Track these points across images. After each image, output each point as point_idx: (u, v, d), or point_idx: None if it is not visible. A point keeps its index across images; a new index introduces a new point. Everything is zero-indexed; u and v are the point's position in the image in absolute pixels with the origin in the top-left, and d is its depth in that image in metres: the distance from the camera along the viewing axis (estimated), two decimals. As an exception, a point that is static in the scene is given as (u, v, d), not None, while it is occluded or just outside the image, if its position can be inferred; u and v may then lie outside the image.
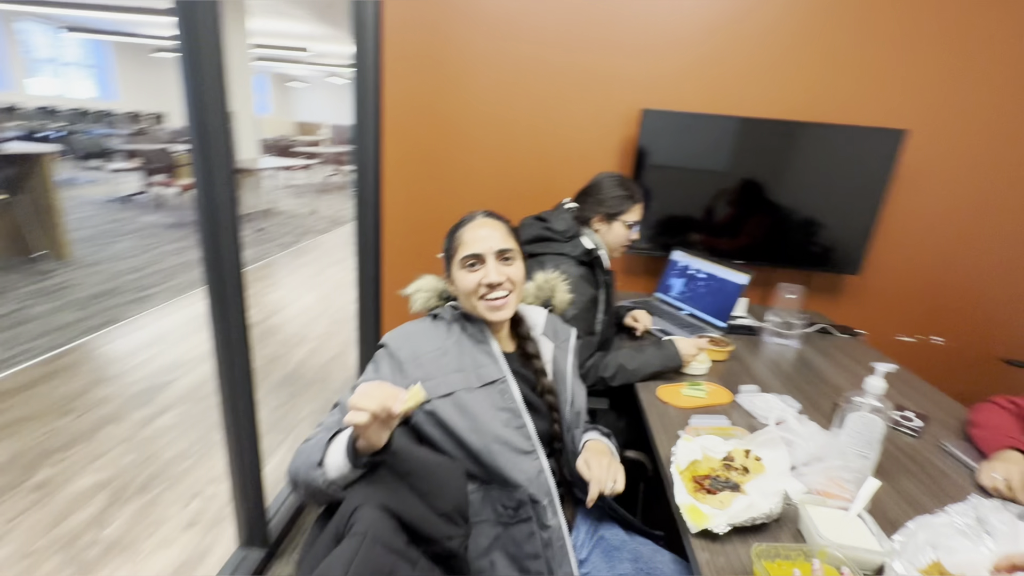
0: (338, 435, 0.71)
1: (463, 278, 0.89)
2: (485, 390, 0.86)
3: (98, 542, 1.45)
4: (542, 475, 0.85)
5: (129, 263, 3.92)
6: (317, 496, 0.69)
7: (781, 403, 1.10)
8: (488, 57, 1.78)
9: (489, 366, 0.89)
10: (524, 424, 0.87)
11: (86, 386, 2.24)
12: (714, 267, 1.64)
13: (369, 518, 0.59)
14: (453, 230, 0.94)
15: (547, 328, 1.03)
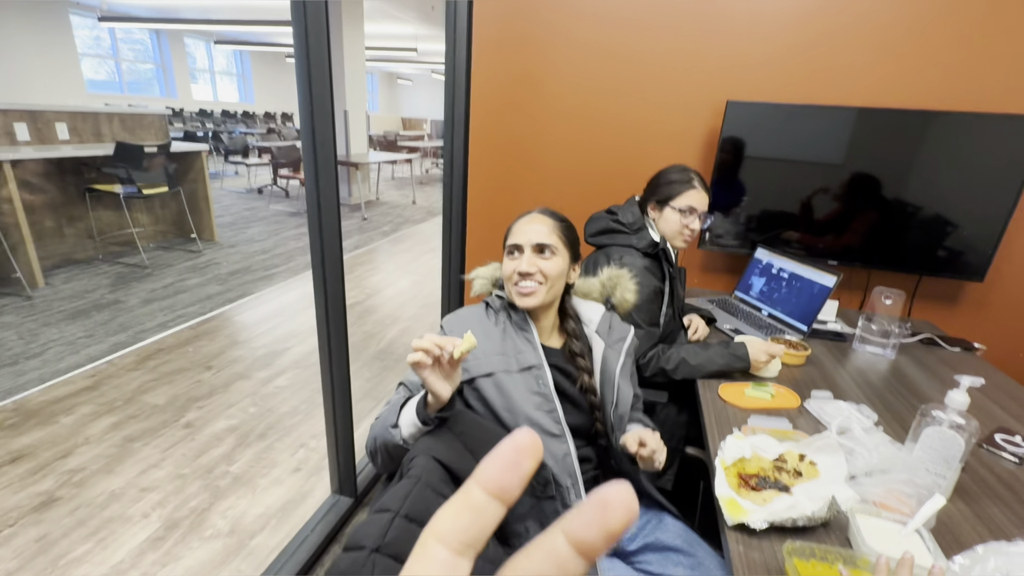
0: (411, 400, 0.83)
1: (504, 264, 0.99)
2: (522, 374, 0.92)
3: (227, 474, 1.76)
4: (567, 458, 0.90)
5: (259, 246, 4.53)
6: (392, 453, 0.81)
7: (854, 412, 1.04)
8: (570, 47, 1.82)
9: (528, 353, 0.94)
10: (555, 409, 0.92)
11: (223, 347, 2.67)
12: (800, 267, 1.55)
13: (423, 465, 0.70)
14: (513, 222, 1.02)
15: (601, 326, 1.05)
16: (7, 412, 2.01)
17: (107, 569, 1.38)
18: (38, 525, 1.51)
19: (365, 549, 0.61)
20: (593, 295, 1.16)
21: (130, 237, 4.02)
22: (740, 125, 1.69)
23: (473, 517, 0.14)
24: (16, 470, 1.72)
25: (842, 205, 1.69)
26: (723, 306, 1.69)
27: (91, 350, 2.53)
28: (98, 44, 9.88)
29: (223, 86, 12.84)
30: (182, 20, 8.79)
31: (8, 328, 2.69)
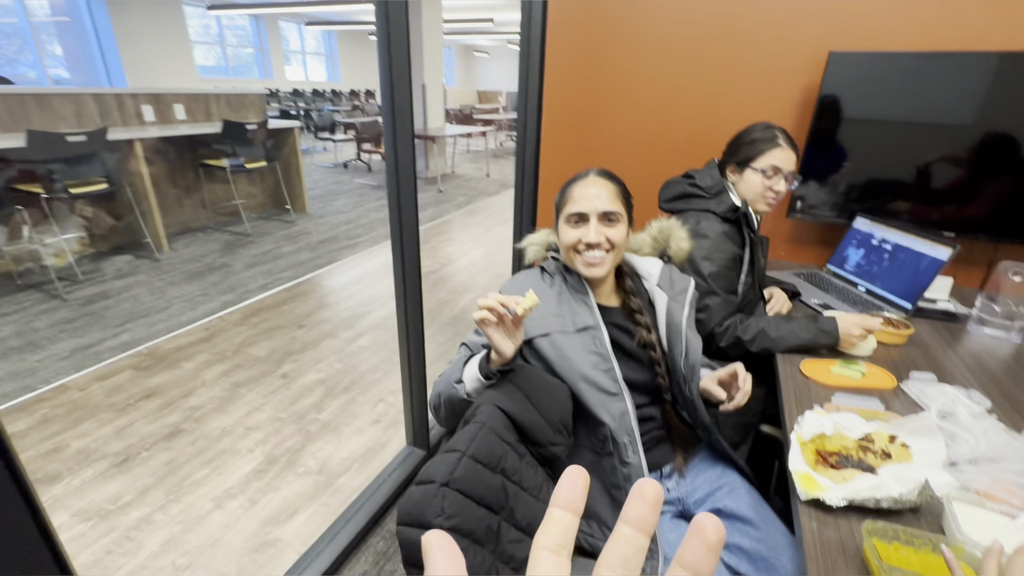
0: (474, 358, 0.87)
1: (566, 233, 0.95)
2: (579, 335, 0.92)
3: (317, 421, 1.95)
4: (625, 416, 0.90)
5: (344, 217, 4.82)
6: (455, 407, 0.86)
7: (962, 396, 0.93)
8: (646, 11, 1.72)
9: (584, 314, 0.94)
10: (611, 368, 0.91)
11: (313, 308, 2.91)
12: (907, 238, 1.39)
13: (488, 412, 0.74)
14: (566, 185, 0.98)
15: (662, 279, 1.03)
16: (142, 356, 2.35)
17: (221, 491, 1.60)
18: (167, 451, 1.77)
19: (435, 483, 0.66)
20: (645, 250, 1.13)
21: (235, 208, 4.44)
22: (844, 81, 1.52)
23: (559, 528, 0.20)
24: (150, 404, 2.01)
25: (968, 171, 1.48)
26: (812, 280, 1.56)
27: (205, 307, 2.86)
28: (207, 32, 10.80)
29: (313, 66, 13.58)
30: (277, 3, 9.34)
31: (142, 286, 3.11)
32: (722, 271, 1.22)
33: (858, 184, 1.61)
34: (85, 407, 1.98)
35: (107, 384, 2.13)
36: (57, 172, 2.97)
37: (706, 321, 1.22)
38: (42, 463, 1.69)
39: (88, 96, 3.49)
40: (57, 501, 1.55)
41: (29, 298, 2.87)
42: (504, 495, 0.72)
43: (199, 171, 4.15)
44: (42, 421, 1.89)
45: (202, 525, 1.49)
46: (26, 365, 2.24)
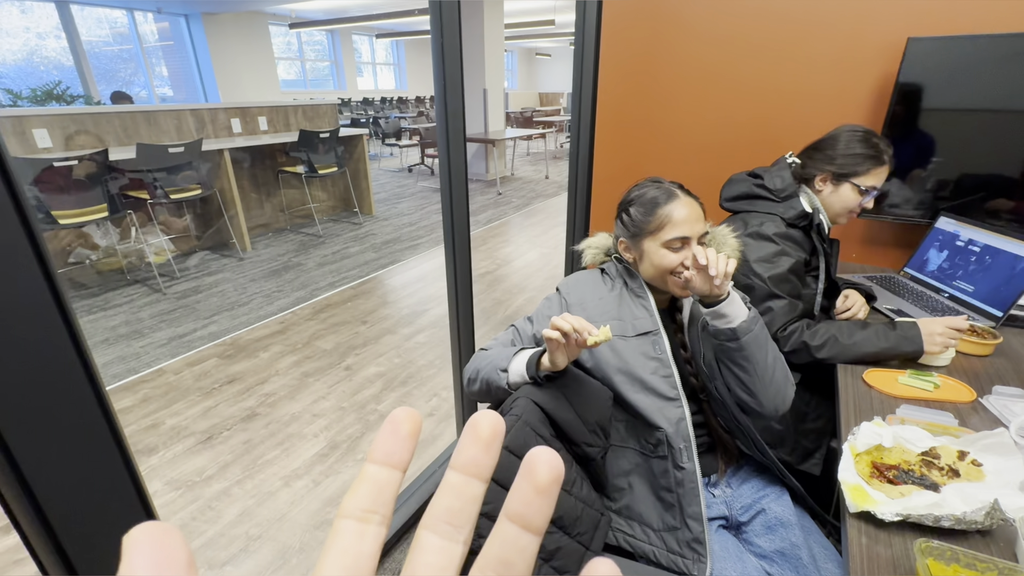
0: (524, 350, 0.88)
1: (662, 256, 0.90)
2: (638, 339, 0.91)
3: (376, 412, 2.06)
4: (683, 422, 0.88)
5: (407, 219, 5.03)
6: (492, 392, 0.89)
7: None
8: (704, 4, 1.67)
9: (644, 319, 0.93)
10: (671, 374, 0.89)
11: (376, 306, 3.07)
12: (999, 239, 1.26)
13: (524, 406, 0.77)
14: (652, 204, 0.92)
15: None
16: (226, 345, 2.60)
17: (288, 471, 1.74)
18: (245, 432, 1.94)
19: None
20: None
21: (309, 211, 4.77)
22: (926, 69, 1.40)
23: (369, 488, 0.16)
24: (231, 389, 2.22)
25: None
26: (886, 284, 1.45)
27: (281, 302, 3.11)
28: (288, 48, 11.66)
29: (382, 75, 14.26)
30: (351, 19, 9.92)
31: (228, 282, 3.43)
32: (785, 275, 1.15)
33: (947, 180, 1.47)
34: (178, 389, 2.22)
35: (196, 369, 2.37)
36: (160, 180, 3.34)
37: (768, 325, 1.16)
38: (142, 436, 1.92)
39: (187, 112, 3.90)
40: (153, 471, 1.75)
41: (136, 291, 3.25)
42: None
43: (278, 177, 4.50)
44: (143, 400, 2.14)
45: (272, 500, 1.62)
46: (132, 350, 2.54)
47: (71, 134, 3.28)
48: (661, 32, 1.77)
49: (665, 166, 1.91)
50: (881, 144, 1.16)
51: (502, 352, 0.90)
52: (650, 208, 0.92)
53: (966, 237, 1.34)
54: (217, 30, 9.27)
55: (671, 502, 0.87)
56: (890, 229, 1.64)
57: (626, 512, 0.93)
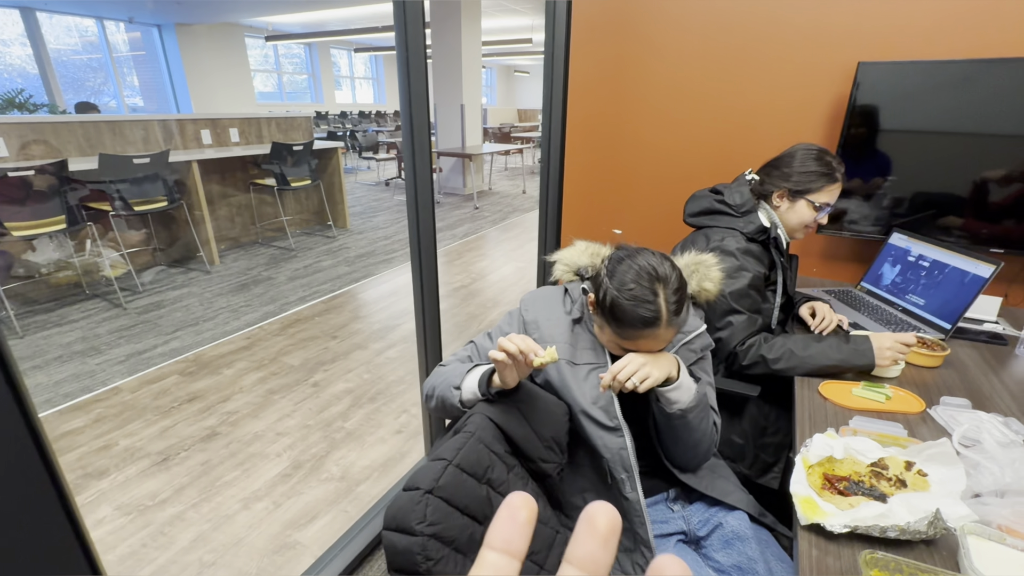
0: (477, 367, 0.87)
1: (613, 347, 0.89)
2: (584, 368, 0.90)
3: (342, 429, 2.01)
4: (623, 452, 0.87)
5: (382, 233, 4.99)
6: (447, 410, 0.87)
7: (997, 425, 0.86)
8: (671, 20, 1.72)
9: (598, 351, 0.91)
10: (611, 405, 0.88)
11: (347, 320, 3.02)
12: (947, 254, 1.31)
13: (478, 423, 0.76)
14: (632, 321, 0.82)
15: None
16: (188, 362, 2.51)
17: (248, 493, 1.67)
18: (203, 452, 1.87)
19: (420, 490, 0.68)
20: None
21: (281, 224, 4.69)
22: (877, 91, 1.46)
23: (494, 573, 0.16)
24: (191, 408, 2.14)
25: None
26: (844, 298, 1.49)
27: (248, 317, 3.02)
28: (265, 60, 11.57)
29: (361, 89, 14.25)
30: (329, 33, 9.91)
31: (194, 296, 3.33)
32: (745, 290, 1.18)
33: (902, 197, 1.53)
34: (134, 408, 2.13)
35: (155, 387, 2.28)
36: (123, 191, 3.24)
37: (727, 340, 1.18)
38: (93, 458, 1.83)
39: (154, 122, 3.81)
40: (103, 495, 1.66)
41: (95, 306, 3.12)
42: (489, 505, 0.72)
43: (250, 189, 4.42)
44: (96, 420, 2.05)
45: (229, 524, 1.56)
46: (87, 368, 2.43)
47: (28, 143, 3.17)
48: (628, 50, 1.81)
49: (633, 183, 1.94)
50: (834, 162, 1.20)
51: (457, 369, 0.89)
52: (630, 323, 0.83)
53: (917, 252, 1.40)
54: (191, 41, 9.15)
55: (624, 525, 0.87)
56: (848, 245, 1.69)
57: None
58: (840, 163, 1.21)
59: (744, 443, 1.25)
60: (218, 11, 8.29)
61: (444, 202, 6.50)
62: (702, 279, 1.00)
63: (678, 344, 0.94)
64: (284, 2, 7.72)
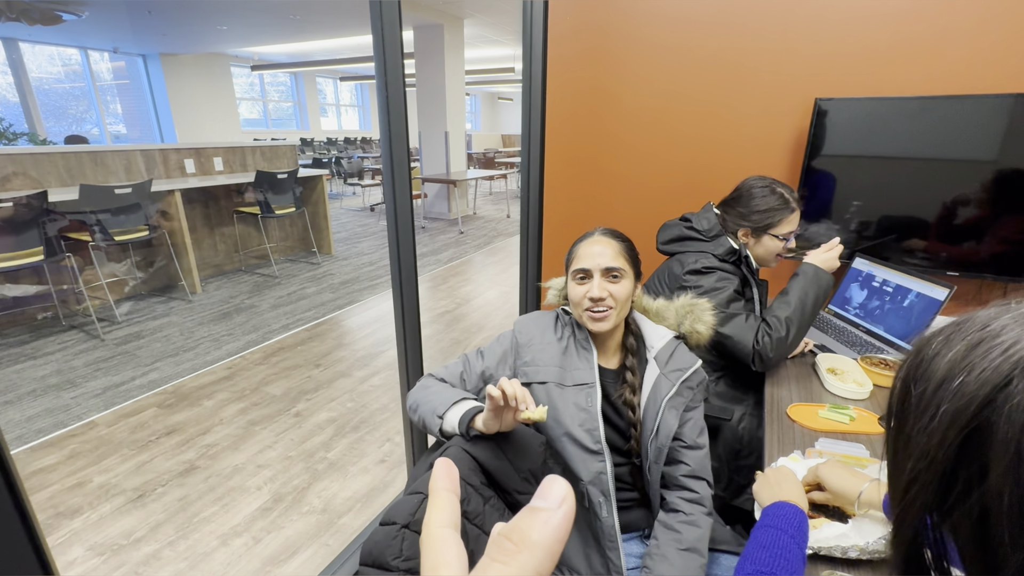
0: (463, 401, 0.87)
1: (572, 289, 0.97)
2: (573, 389, 0.93)
3: (324, 460, 1.99)
4: (603, 476, 0.89)
5: (367, 259, 5.00)
6: (429, 430, 0.88)
7: (952, 443, 0.90)
8: (643, 54, 1.81)
9: (584, 371, 0.94)
10: (596, 428, 0.90)
11: (331, 348, 3.00)
12: (906, 278, 1.38)
13: (455, 455, 0.77)
14: (574, 244, 1.00)
15: (661, 353, 0.98)
16: (167, 394, 2.47)
17: (227, 529, 1.64)
18: (181, 487, 1.83)
19: (397, 524, 0.69)
20: (669, 320, 1.07)
21: (265, 252, 4.68)
22: (835, 124, 1.55)
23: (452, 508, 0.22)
24: (170, 441, 2.10)
25: (975, 210, 1.46)
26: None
27: (230, 346, 2.99)
28: (251, 88, 11.68)
29: (346, 117, 14.42)
30: (315, 63, 10.07)
31: (174, 326, 3.29)
32: (732, 295, 1.22)
33: (868, 222, 1.61)
34: (110, 443, 2.08)
35: (132, 421, 2.24)
36: (104, 221, 3.22)
37: (741, 345, 1.19)
38: (65, 497, 1.78)
39: (136, 152, 3.82)
40: (75, 535, 1.62)
41: (72, 338, 3.06)
42: (465, 537, 0.72)
43: (233, 217, 4.42)
44: (70, 456, 2.00)
45: (207, 562, 1.52)
46: (61, 402, 2.38)
47: (7, 175, 3.15)
48: (603, 82, 1.89)
49: (610, 209, 2.00)
50: (786, 193, 1.27)
51: (442, 395, 0.89)
52: (571, 247, 1.02)
53: (879, 276, 1.46)
54: (176, 70, 9.22)
55: (597, 551, 0.89)
56: (815, 268, 1.76)
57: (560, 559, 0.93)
58: (792, 191, 1.28)
59: (719, 466, 1.28)
60: (204, 42, 8.40)
61: (429, 227, 6.55)
62: (695, 321, 1.03)
63: (677, 382, 0.95)
64: (270, 35, 7.85)
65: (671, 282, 1.31)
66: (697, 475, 0.95)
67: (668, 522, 0.92)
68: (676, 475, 0.94)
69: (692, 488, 0.94)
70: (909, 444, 0.36)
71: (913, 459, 0.35)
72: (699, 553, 0.89)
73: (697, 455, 0.96)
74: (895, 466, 0.38)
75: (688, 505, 0.93)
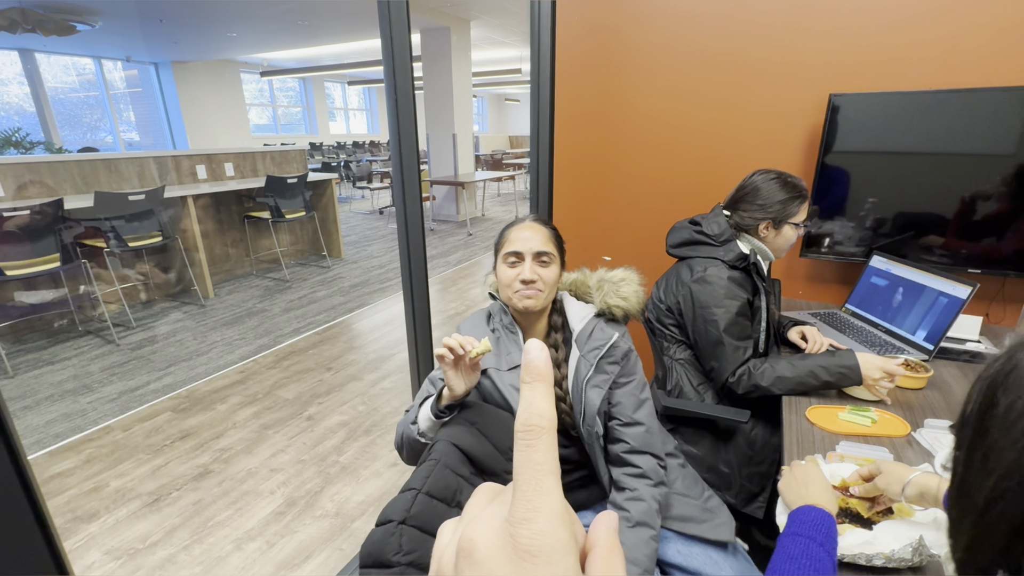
0: (427, 399, 0.94)
1: (503, 271, 1.00)
2: (510, 372, 0.98)
3: (337, 464, 1.99)
4: None
5: (377, 261, 5.02)
6: (414, 447, 0.93)
7: (979, 446, 0.88)
8: (653, 54, 1.79)
9: (515, 353, 1.00)
10: None
11: (342, 351, 3.01)
12: (925, 276, 1.35)
13: (442, 449, 0.82)
14: (505, 228, 1.04)
15: (581, 334, 1.01)
16: (181, 398, 2.49)
17: (241, 533, 1.65)
18: (195, 491, 1.84)
19: (393, 522, 0.71)
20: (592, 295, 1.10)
21: (276, 256, 4.71)
22: (849, 120, 1.53)
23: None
24: (184, 445, 2.12)
25: (998, 204, 1.43)
26: (830, 320, 1.52)
27: (242, 350, 3.02)
28: (260, 94, 11.80)
29: (355, 121, 14.51)
30: (323, 67, 10.15)
31: (187, 331, 3.32)
32: (734, 319, 1.20)
33: (884, 219, 1.58)
34: (126, 447, 2.11)
35: (147, 425, 2.26)
36: (118, 227, 3.27)
37: (719, 371, 1.21)
38: (83, 501, 1.80)
39: (149, 159, 3.87)
40: (92, 539, 1.63)
41: (88, 343, 3.11)
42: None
43: (244, 222, 4.46)
44: (87, 461, 2.02)
45: (221, 567, 1.53)
46: (78, 407, 2.41)
47: (24, 183, 3.21)
48: (610, 82, 1.88)
49: (620, 210, 1.99)
50: (796, 182, 1.26)
51: (412, 410, 0.96)
52: (502, 231, 1.04)
53: (898, 274, 1.43)
54: (187, 77, 9.34)
55: None
56: (832, 266, 1.73)
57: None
58: (801, 179, 1.27)
59: (730, 472, 1.26)
60: (214, 49, 8.50)
61: (438, 229, 6.56)
62: (606, 296, 1.06)
63: (595, 361, 0.98)
64: (279, 40, 7.93)
65: (679, 288, 1.30)
66: (638, 450, 0.97)
67: (616, 501, 0.95)
68: (619, 452, 0.98)
69: (635, 463, 0.97)
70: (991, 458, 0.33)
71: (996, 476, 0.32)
72: (648, 526, 0.91)
73: (636, 431, 0.98)
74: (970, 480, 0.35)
75: (632, 480, 0.96)
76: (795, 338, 1.35)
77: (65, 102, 8.94)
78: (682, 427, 1.33)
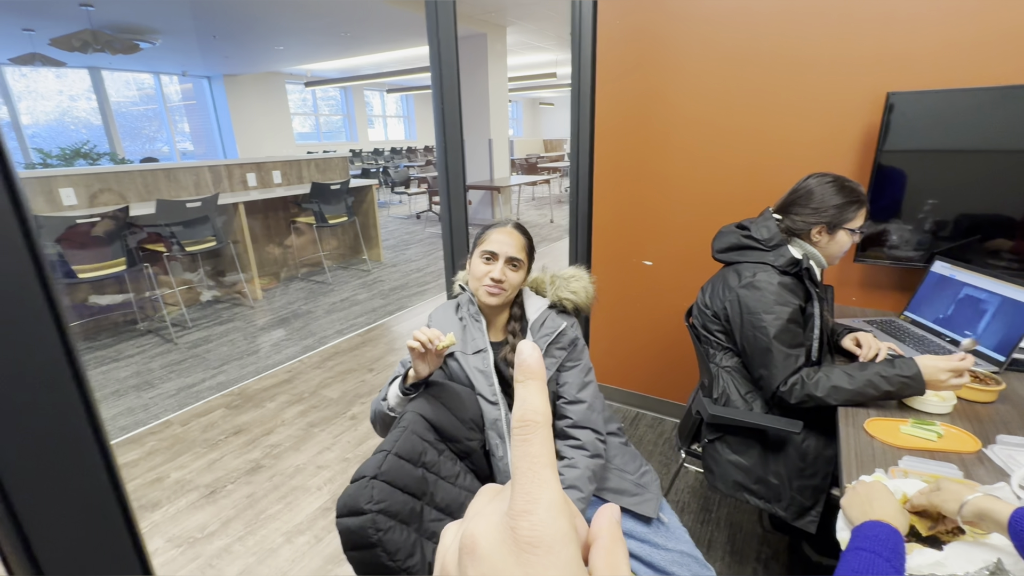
0: (395, 379, 1.06)
1: (478, 266, 1.10)
2: (474, 356, 1.10)
3: (380, 463, 2.04)
4: (498, 422, 1.07)
5: (415, 265, 5.12)
6: (384, 421, 1.05)
7: (1060, 466, 0.82)
8: (697, 56, 1.77)
9: (479, 339, 1.12)
10: (493, 383, 1.09)
11: (383, 352, 3.09)
12: (993, 282, 1.27)
13: (410, 418, 0.96)
14: (487, 227, 1.14)
15: (535, 323, 1.12)
16: (234, 395, 2.61)
17: (291, 527, 1.71)
18: (248, 485, 1.93)
19: (366, 477, 0.83)
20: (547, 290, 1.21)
21: (319, 259, 4.88)
22: (908, 118, 1.46)
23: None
24: (237, 440, 2.22)
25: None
26: (887, 329, 1.45)
27: (289, 351, 3.14)
28: (304, 104, 12.27)
29: (392, 127, 14.88)
30: (364, 77, 10.47)
31: (239, 331, 3.48)
32: (784, 325, 1.17)
33: (945, 221, 1.51)
34: (184, 441, 2.23)
35: (203, 420, 2.38)
36: (177, 233, 3.47)
37: (768, 380, 1.17)
38: (146, 491, 1.91)
39: (205, 168, 4.09)
40: (156, 527, 1.74)
41: (148, 342, 3.31)
42: (425, 483, 0.90)
43: (290, 227, 4.64)
44: (149, 453, 2.15)
45: (273, 558, 1.59)
46: (141, 402, 2.56)
47: (95, 192, 3.45)
48: (653, 86, 1.86)
49: (662, 215, 1.96)
50: (855, 186, 1.21)
51: (384, 387, 1.10)
52: (483, 229, 1.14)
53: (963, 281, 1.36)
54: (237, 90, 9.82)
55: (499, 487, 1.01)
56: (888, 272, 1.66)
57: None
58: (859, 184, 1.22)
59: (780, 484, 1.22)
60: (262, 62, 8.90)
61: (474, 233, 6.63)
62: (558, 290, 1.17)
63: (545, 346, 1.10)
64: (323, 52, 8.22)
65: (726, 294, 1.27)
66: (579, 425, 1.09)
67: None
68: (562, 427, 1.09)
69: (575, 436, 1.08)
70: None
71: None
72: (577, 489, 1.01)
73: (578, 408, 1.10)
74: None
75: (571, 451, 1.07)
76: (849, 345, 1.29)
77: (127, 115, 9.55)
78: (728, 435, 1.30)
